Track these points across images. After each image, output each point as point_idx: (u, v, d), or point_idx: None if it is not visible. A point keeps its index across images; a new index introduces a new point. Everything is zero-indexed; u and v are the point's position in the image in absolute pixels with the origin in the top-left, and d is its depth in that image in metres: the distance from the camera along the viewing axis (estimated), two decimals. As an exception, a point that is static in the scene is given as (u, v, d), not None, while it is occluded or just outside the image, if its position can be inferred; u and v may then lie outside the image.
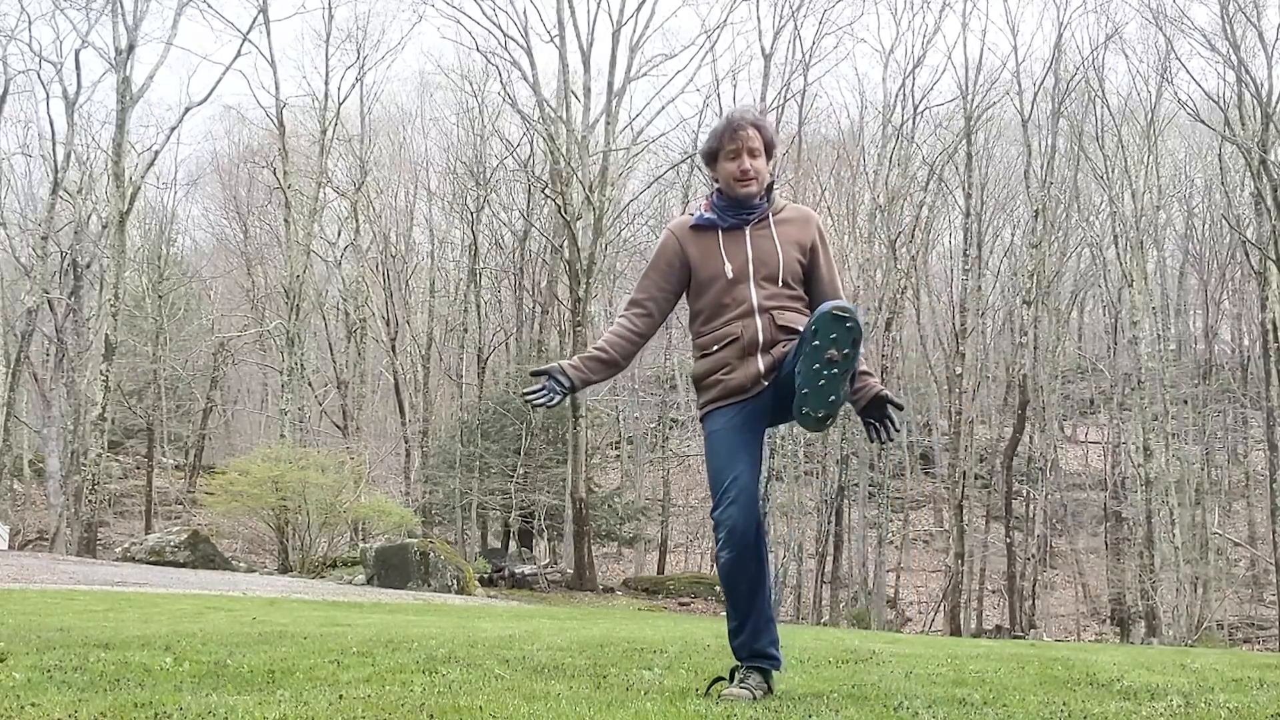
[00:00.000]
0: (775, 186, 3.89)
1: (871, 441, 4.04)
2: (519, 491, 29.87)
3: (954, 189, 32.70)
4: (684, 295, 3.89)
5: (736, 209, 3.76)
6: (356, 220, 36.35)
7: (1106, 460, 35.21)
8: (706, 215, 3.80)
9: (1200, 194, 37.23)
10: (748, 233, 3.76)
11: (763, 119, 3.81)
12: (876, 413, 3.66)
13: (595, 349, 3.80)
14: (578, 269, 27.75)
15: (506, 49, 29.94)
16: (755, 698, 3.32)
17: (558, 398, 3.65)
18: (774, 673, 3.53)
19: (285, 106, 31.82)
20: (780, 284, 3.70)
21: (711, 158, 3.82)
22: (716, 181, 3.82)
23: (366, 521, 25.65)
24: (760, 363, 3.66)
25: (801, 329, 3.56)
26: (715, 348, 3.71)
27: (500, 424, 31.30)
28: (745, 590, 3.49)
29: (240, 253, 40.18)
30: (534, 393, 3.64)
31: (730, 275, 3.72)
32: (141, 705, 2.77)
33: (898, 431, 3.73)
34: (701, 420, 3.82)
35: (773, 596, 3.64)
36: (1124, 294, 30.14)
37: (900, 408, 3.67)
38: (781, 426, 3.66)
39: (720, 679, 3.47)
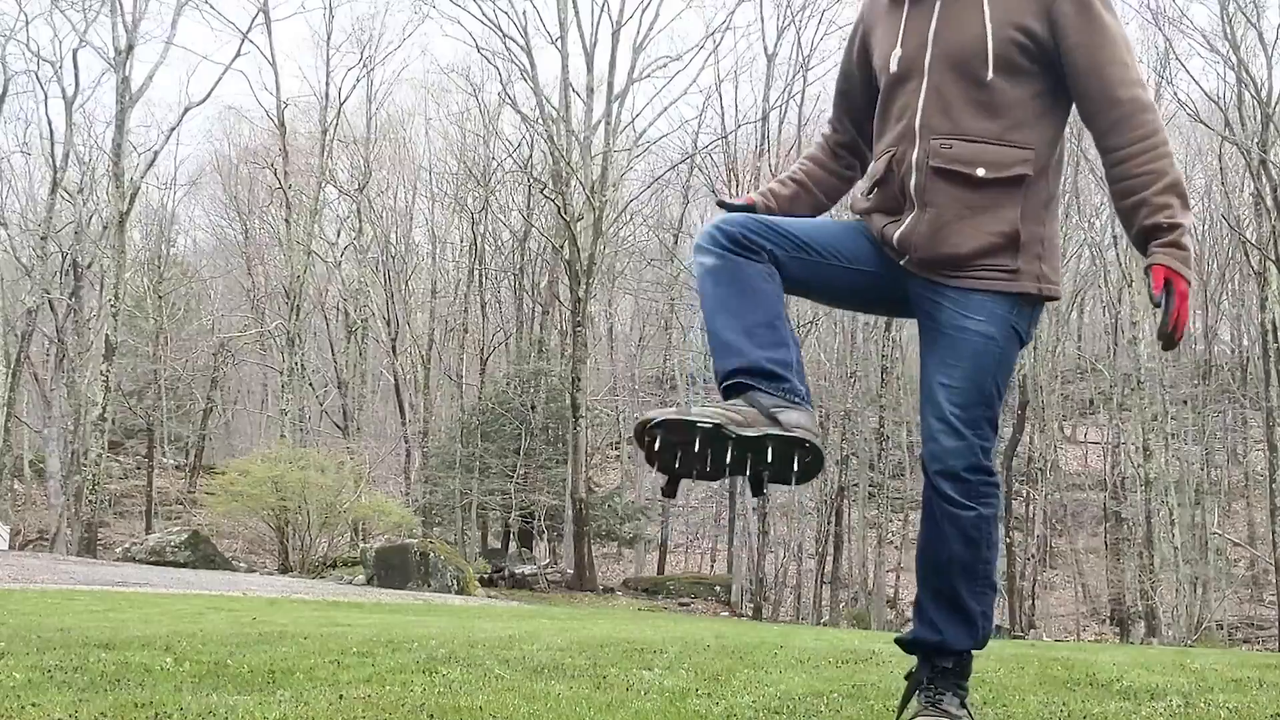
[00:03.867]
0: None
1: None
2: (519, 492, 29.89)
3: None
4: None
5: None
6: (360, 220, 36.38)
7: (1106, 460, 35.20)
8: None
9: (1200, 194, 37.24)
10: None
11: None
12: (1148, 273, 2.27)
13: (781, 178, 2.70)
14: (578, 269, 27.76)
15: (508, 49, 29.99)
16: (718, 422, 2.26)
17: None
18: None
19: (286, 106, 31.86)
20: (971, 81, 2.33)
21: None
22: None
23: (366, 522, 25.68)
24: (899, 225, 2.40)
25: (982, 173, 2.31)
26: (868, 193, 2.51)
27: (500, 424, 31.32)
28: (734, 299, 2.37)
29: (240, 253, 40.20)
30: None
31: (894, 68, 2.42)
32: (142, 705, 2.77)
33: (1161, 306, 2.23)
34: None
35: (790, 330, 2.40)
36: (1124, 294, 30.13)
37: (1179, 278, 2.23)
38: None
39: None
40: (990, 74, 2.32)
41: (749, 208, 2.60)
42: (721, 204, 2.62)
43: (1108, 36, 2.31)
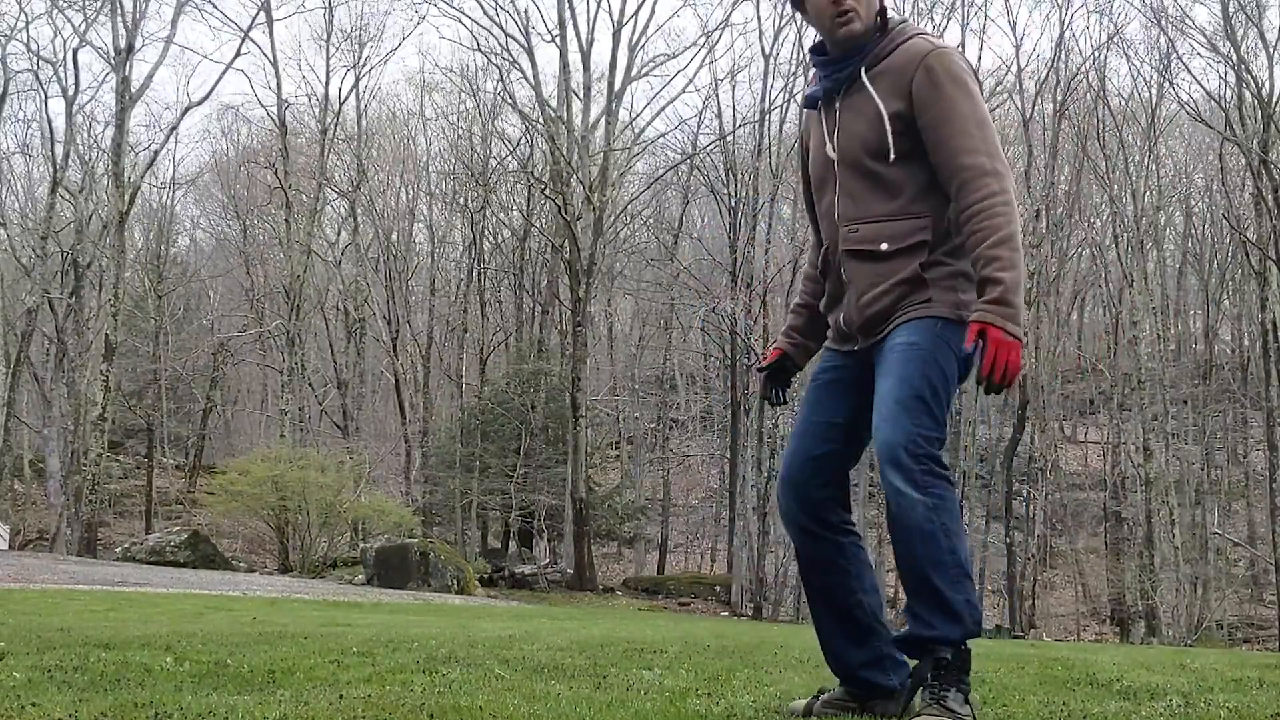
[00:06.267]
0: (887, 13, 2.69)
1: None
2: (519, 491, 29.88)
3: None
4: None
5: (831, 67, 2.70)
6: (355, 220, 36.36)
7: (1106, 460, 35.18)
8: (811, 87, 2.80)
9: (1200, 194, 37.24)
10: (838, 102, 2.70)
11: None
12: None
13: (793, 308, 3.05)
14: (578, 269, 27.75)
15: (507, 49, 29.98)
16: None
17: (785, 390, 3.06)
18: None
19: (288, 106, 31.83)
20: (867, 171, 2.64)
21: None
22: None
23: (366, 521, 25.68)
24: (841, 308, 2.76)
25: (886, 247, 2.61)
26: (824, 286, 2.85)
27: (500, 424, 31.31)
28: (814, 590, 2.82)
29: (240, 253, 40.20)
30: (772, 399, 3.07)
31: (813, 174, 2.79)
32: (142, 705, 2.77)
33: (975, 357, 2.54)
34: None
35: (876, 605, 2.82)
36: (1124, 294, 30.14)
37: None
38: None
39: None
40: (866, 159, 2.63)
41: (783, 358, 3.02)
42: (759, 369, 3.06)
43: (955, 111, 2.55)
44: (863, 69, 2.64)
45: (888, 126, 2.58)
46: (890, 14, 2.70)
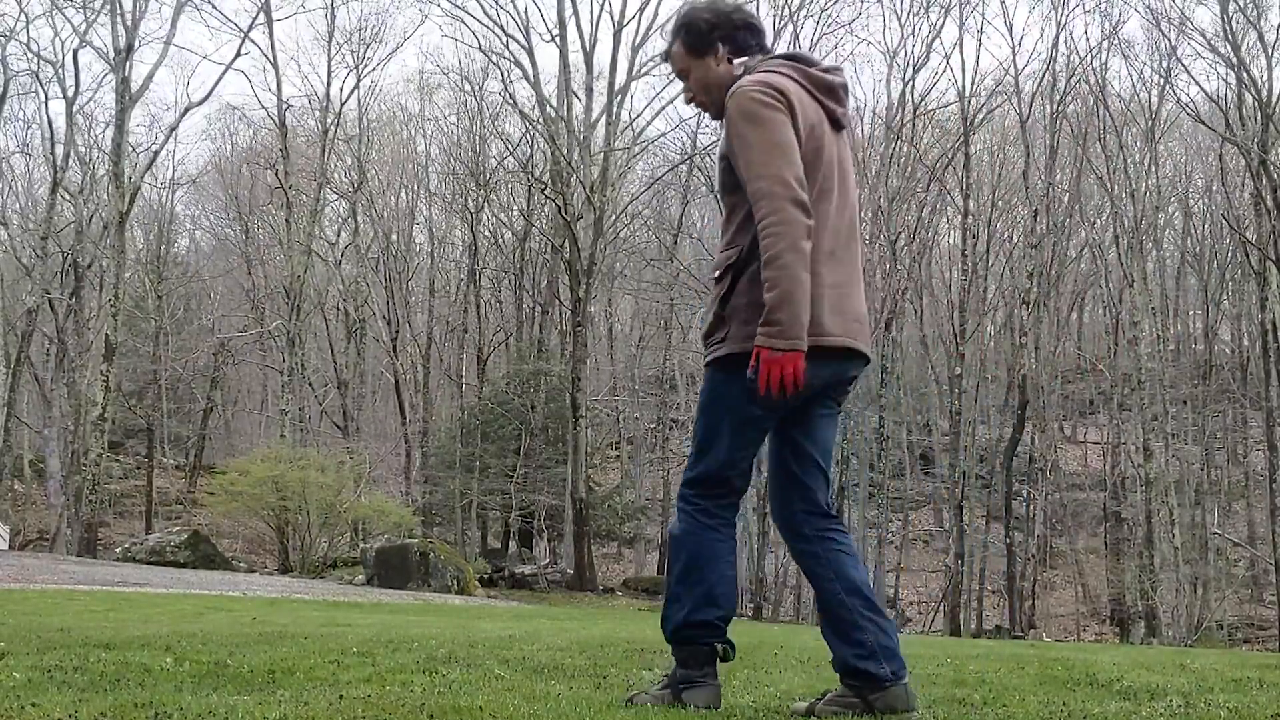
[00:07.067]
0: (747, 70, 2.97)
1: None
2: (519, 492, 29.87)
3: (951, 189, 32.67)
4: None
5: None
6: (355, 220, 36.33)
7: (1106, 460, 35.18)
8: None
9: (1200, 194, 37.23)
10: None
11: (667, 34, 3.08)
12: None
13: None
14: (578, 269, 27.74)
15: (508, 49, 29.96)
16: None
17: None
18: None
19: (288, 107, 31.80)
20: (722, 207, 3.02)
21: None
22: None
23: (366, 522, 25.67)
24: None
25: (717, 274, 2.94)
26: None
27: (499, 424, 31.30)
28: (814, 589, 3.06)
29: (240, 253, 40.19)
30: None
31: None
32: (142, 705, 2.77)
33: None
34: None
35: (861, 602, 2.93)
36: (1124, 294, 30.13)
37: None
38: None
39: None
40: (723, 198, 2.94)
41: None
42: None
43: (745, 143, 2.80)
44: None
45: (721, 164, 2.91)
46: (746, 61, 2.99)
